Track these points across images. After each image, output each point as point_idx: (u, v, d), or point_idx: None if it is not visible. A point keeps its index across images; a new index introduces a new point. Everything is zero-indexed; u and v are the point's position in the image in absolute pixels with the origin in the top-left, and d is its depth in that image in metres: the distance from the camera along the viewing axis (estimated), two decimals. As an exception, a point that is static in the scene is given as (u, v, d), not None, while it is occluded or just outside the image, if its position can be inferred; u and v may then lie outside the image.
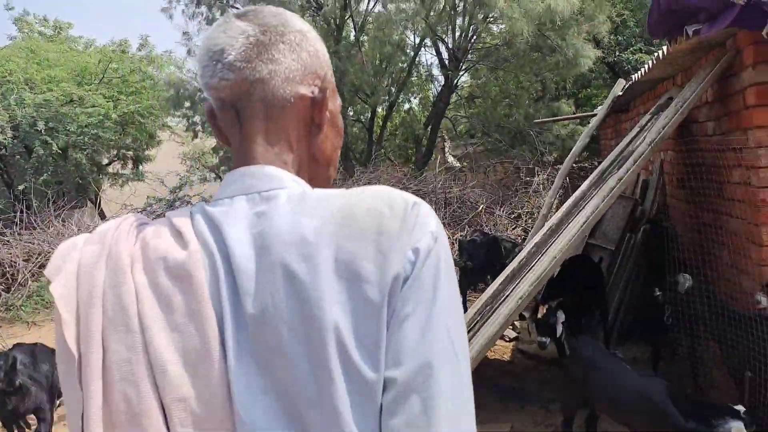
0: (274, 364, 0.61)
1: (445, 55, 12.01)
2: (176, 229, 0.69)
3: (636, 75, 4.97)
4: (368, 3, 11.67)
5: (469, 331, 4.28)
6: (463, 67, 11.84)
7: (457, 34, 11.59)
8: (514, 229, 7.75)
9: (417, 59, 12.95)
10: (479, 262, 5.34)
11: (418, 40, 12.44)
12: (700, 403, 2.57)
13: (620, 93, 5.84)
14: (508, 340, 5.29)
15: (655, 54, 3.92)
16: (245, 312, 0.62)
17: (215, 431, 0.62)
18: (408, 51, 12.62)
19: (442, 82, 12.10)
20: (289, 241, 0.63)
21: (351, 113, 14.42)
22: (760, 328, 2.66)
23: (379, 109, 15.08)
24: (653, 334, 4.00)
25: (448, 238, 7.53)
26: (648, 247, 4.50)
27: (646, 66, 4.26)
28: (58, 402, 3.94)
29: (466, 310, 5.63)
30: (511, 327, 5.22)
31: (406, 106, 15.74)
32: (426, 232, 0.65)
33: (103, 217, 13.70)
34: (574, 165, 10.81)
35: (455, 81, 11.79)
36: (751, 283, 2.98)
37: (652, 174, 5.13)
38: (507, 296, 3.87)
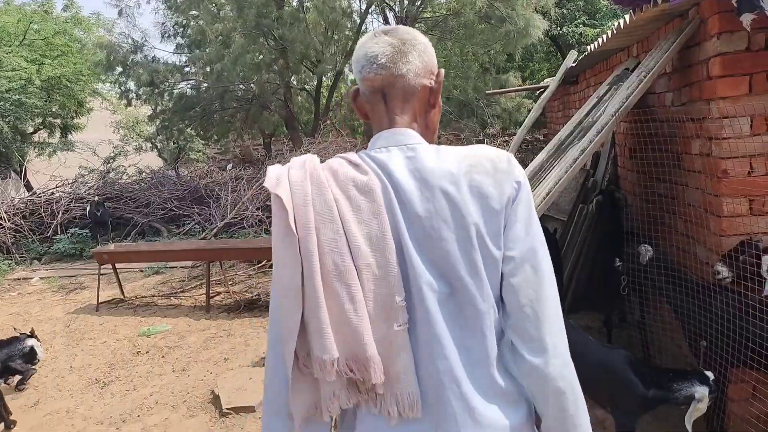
0: (433, 244, 1.01)
1: (392, 22, 11.77)
2: (354, 163, 1.07)
3: (591, 46, 4.96)
4: (313, -34, 11.21)
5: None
6: (412, 36, 11.63)
7: (405, 1, 11.36)
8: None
9: (364, 27, 12.65)
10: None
11: (364, 7, 12.13)
12: (665, 370, 2.60)
13: (573, 64, 5.85)
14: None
15: (616, 23, 3.89)
16: (414, 213, 1.01)
17: (386, 286, 0.99)
18: (354, 18, 12.28)
19: (390, 51, 11.86)
20: (440, 174, 1.03)
21: (295, 82, 13.99)
22: (716, 297, 2.71)
23: (325, 79, 14.70)
24: (608, 303, 4.07)
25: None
26: (601, 217, 4.55)
27: (604, 36, 4.23)
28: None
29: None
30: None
31: (352, 76, 15.43)
32: (520, 172, 1.07)
33: (29, 188, 12.77)
34: (508, 138, 10.99)
35: (404, 50, 11.58)
36: (707, 253, 3.03)
37: (604, 145, 5.19)
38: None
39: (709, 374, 2.27)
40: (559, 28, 13.63)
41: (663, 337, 3.61)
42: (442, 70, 1.18)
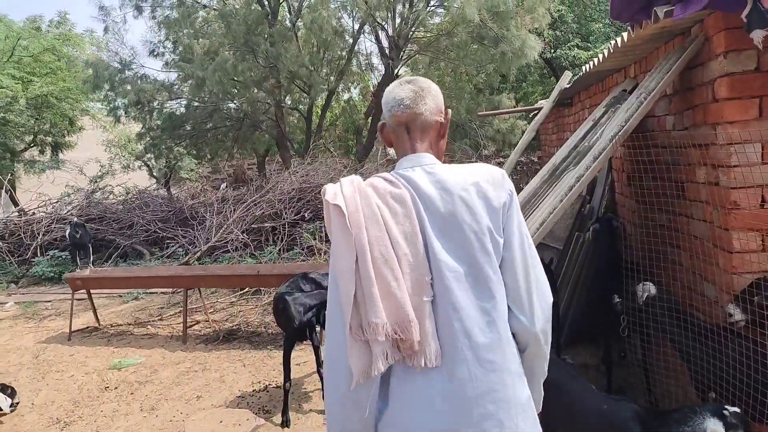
0: (454, 236, 1.37)
1: (385, 43, 11.63)
2: (389, 180, 1.44)
3: (586, 66, 4.75)
4: (305, -15, 11.10)
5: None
6: (404, 56, 11.48)
7: (398, 21, 11.23)
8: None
9: (356, 47, 12.51)
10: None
11: (357, 26, 12.00)
12: (672, 412, 2.29)
13: (567, 86, 5.64)
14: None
15: (612, 42, 3.67)
16: (438, 213, 1.38)
17: (418, 269, 1.34)
18: (347, 38, 12.15)
19: (383, 72, 11.71)
20: (455, 183, 1.40)
21: (289, 102, 13.81)
22: (727, 343, 2.43)
23: (318, 99, 14.53)
24: (606, 340, 3.78)
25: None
26: (598, 246, 4.29)
27: (600, 56, 4.02)
28: None
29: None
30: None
31: (346, 95, 15.27)
32: (510, 184, 1.46)
33: (16, 205, 12.46)
34: (503, 160, 10.78)
35: (396, 70, 11.43)
36: (716, 292, 2.76)
37: (600, 170, 4.95)
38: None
39: (730, 408, 1.95)
40: (552, 51, 13.53)
41: (667, 379, 3.32)
42: (450, 110, 1.59)
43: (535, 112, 9.29)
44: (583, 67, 4.82)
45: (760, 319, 2.33)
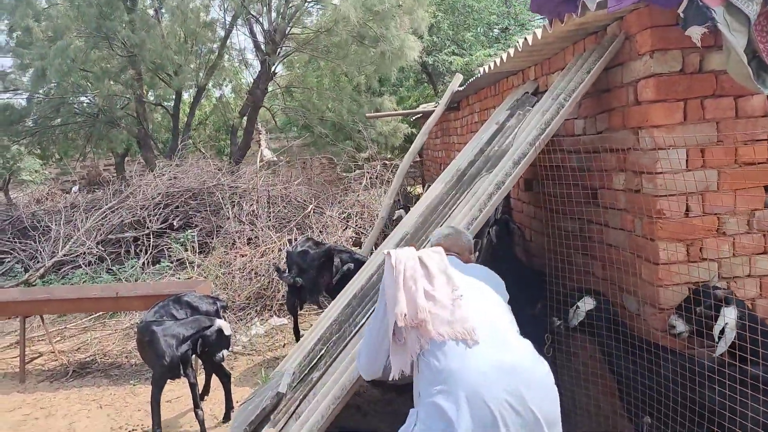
0: (484, 295, 1.99)
1: (261, 38, 10.94)
2: (431, 250, 2.10)
3: (483, 68, 4.59)
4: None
5: (311, 369, 3.43)
6: (282, 53, 10.87)
7: (274, 15, 10.60)
8: (345, 230, 7.08)
9: (229, 41, 11.64)
10: (310, 279, 4.52)
11: (229, 19, 11.16)
12: None
13: (459, 88, 5.49)
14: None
15: (518, 42, 3.50)
16: (468, 279, 2.02)
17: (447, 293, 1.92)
18: (218, 30, 11.26)
19: (259, 69, 10.99)
20: (475, 266, 2.30)
21: (152, 97, 12.52)
22: (660, 362, 2.28)
23: (186, 95, 13.35)
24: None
25: (275, 242, 6.56)
26: (498, 250, 4.13)
27: (503, 56, 3.85)
28: None
29: (298, 335, 4.77)
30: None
31: (218, 93, 14.24)
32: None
33: None
34: (387, 162, 10.65)
35: (273, 67, 10.77)
36: (637, 305, 2.63)
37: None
38: (361, 323, 3.12)
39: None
40: (429, 56, 13.68)
41: (578, 389, 3.18)
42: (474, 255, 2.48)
43: (419, 115, 9.20)
44: (480, 69, 4.66)
45: (702, 329, 2.20)
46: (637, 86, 2.49)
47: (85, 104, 12.05)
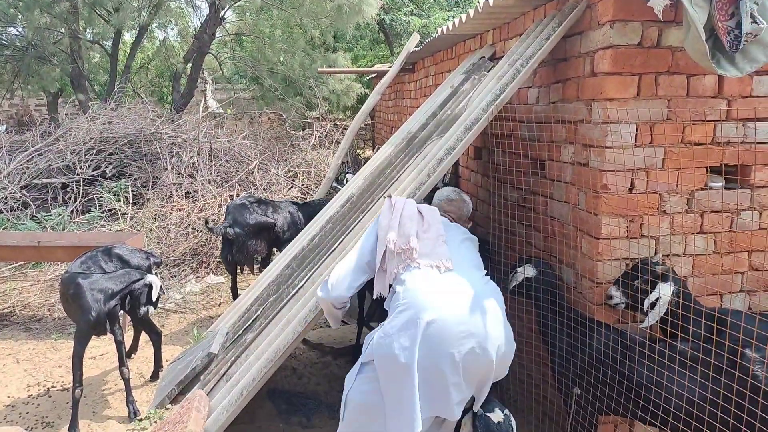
0: (463, 255, 2.29)
1: (209, -22, 10.27)
2: (427, 206, 2.47)
3: (440, 29, 4.44)
4: None
5: (246, 330, 3.31)
6: (233, -2, 10.29)
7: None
8: (290, 189, 6.89)
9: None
10: (243, 237, 4.33)
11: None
12: None
13: (415, 49, 5.33)
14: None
15: (477, 4, 3.37)
16: (455, 239, 2.37)
17: (439, 233, 2.31)
18: (165, -34, 10.50)
19: (207, 12, 10.36)
20: (463, 231, 2.53)
21: (89, 35, 11.64)
22: (592, 334, 2.30)
23: (127, 36, 12.50)
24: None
25: (215, 198, 6.30)
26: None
27: (462, 17, 3.71)
28: None
29: (235, 294, 4.61)
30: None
31: (161, 35, 13.42)
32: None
33: None
34: (338, 122, 10.41)
35: (222, 12, 10.19)
36: (574, 278, 2.64)
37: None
38: (300, 285, 3.01)
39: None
40: (386, 14, 13.32)
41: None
42: (471, 222, 2.74)
43: (373, 75, 8.97)
44: (438, 30, 4.50)
45: (638, 303, 2.23)
46: (595, 57, 2.43)
47: (13, 36, 11.10)
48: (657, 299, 2.15)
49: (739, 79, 2.40)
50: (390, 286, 2.20)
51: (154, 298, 3.35)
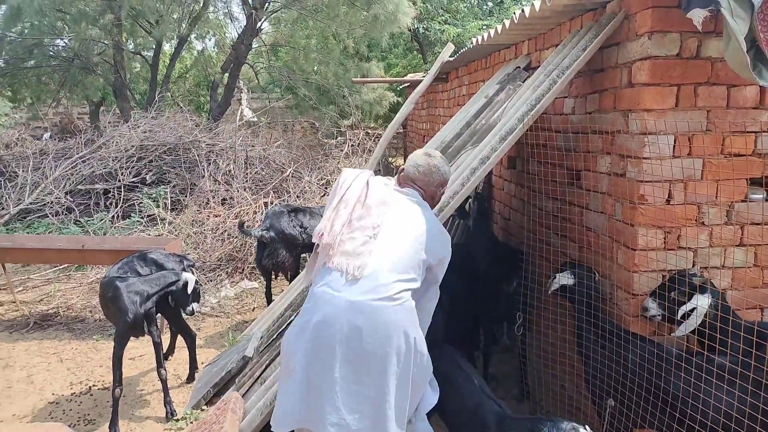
0: (399, 240, 2.10)
1: (249, -9, 10.53)
2: (383, 182, 2.30)
3: (475, 39, 4.47)
4: None
5: (279, 335, 3.38)
6: (269, 8, 10.52)
7: (263, -32, 10.21)
8: (323, 196, 6.98)
9: (213, -8, 11.20)
10: (280, 242, 4.44)
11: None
12: (526, 420, 2.13)
13: (450, 59, 5.35)
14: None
15: (513, 15, 3.39)
16: (403, 211, 2.19)
17: (372, 221, 2.12)
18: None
19: (244, 23, 10.62)
20: (419, 216, 2.21)
21: (131, 46, 12.04)
22: (628, 346, 2.28)
23: (168, 46, 12.87)
24: (487, 333, 3.59)
25: (250, 204, 6.44)
26: (478, 226, 4.10)
27: (497, 27, 3.73)
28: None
29: (269, 299, 4.69)
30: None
31: (200, 46, 13.78)
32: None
33: None
34: (370, 131, 10.49)
35: (259, 23, 10.42)
36: (610, 289, 2.62)
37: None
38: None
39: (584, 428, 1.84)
40: (420, 23, 13.40)
41: (544, 369, 3.21)
42: (446, 188, 2.47)
43: (406, 84, 9.03)
44: (472, 40, 4.53)
45: (672, 315, 2.20)
46: (632, 68, 2.42)
47: (60, 47, 11.56)
48: (692, 310, 2.12)
49: (782, 90, 2.36)
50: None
51: (189, 291, 3.45)
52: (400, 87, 10.87)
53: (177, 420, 3.27)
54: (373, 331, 1.94)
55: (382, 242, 2.05)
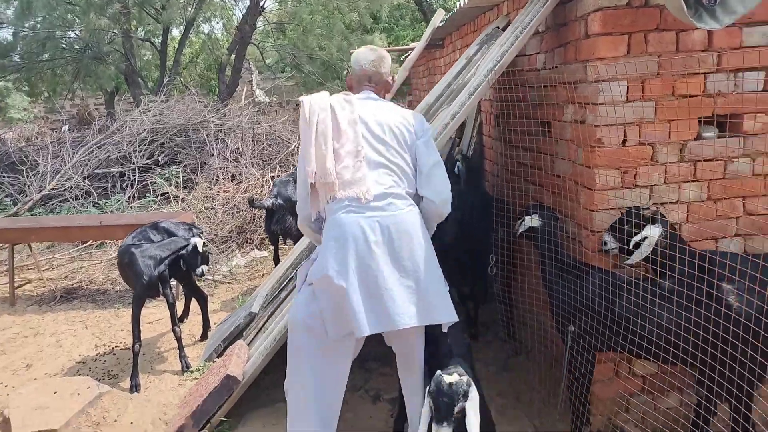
0: (378, 137, 2.28)
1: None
2: (345, 94, 2.39)
3: (459, 2, 4.59)
4: None
5: (281, 289, 3.65)
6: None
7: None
8: (327, 169, 7.20)
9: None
10: (287, 209, 4.68)
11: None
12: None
13: (440, 24, 5.48)
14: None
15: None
16: (372, 123, 2.29)
17: (355, 143, 2.24)
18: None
19: (248, 4, 10.78)
20: (388, 110, 2.37)
21: (140, 33, 12.31)
22: (587, 278, 2.47)
23: (175, 31, 13.11)
24: (473, 281, 3.81)
25: (258, 179, 6.70)
26: (468, 183, 4.28)
27: (473, -10, 3.87)
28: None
29: (277, 263, 4.97)
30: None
31: (206, 29, 13.99)
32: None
33: None
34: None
35: (262, 2, 10.58)
36: (576, 228, 2.81)
37: (470, 112, 4.91)
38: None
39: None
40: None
41: (522, 307, 3.42)
42: (396, 75, 2.98)
43: (408, 53, 9.11)
44: (458, 3, 4.66)
45: (627, 246, 2.39)
46: (587, 19, 2.56)
47: (71, 39, 11.88)
48: (643, 239, 2.30)
49: (729, 32, 2.49)
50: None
51: (200, 249, 3.71)
52: (403, 57, 10.93)
53: (192, 371, 3.58)
54: (403, 234, 2.15)
55: (371, 160, 2.21)
